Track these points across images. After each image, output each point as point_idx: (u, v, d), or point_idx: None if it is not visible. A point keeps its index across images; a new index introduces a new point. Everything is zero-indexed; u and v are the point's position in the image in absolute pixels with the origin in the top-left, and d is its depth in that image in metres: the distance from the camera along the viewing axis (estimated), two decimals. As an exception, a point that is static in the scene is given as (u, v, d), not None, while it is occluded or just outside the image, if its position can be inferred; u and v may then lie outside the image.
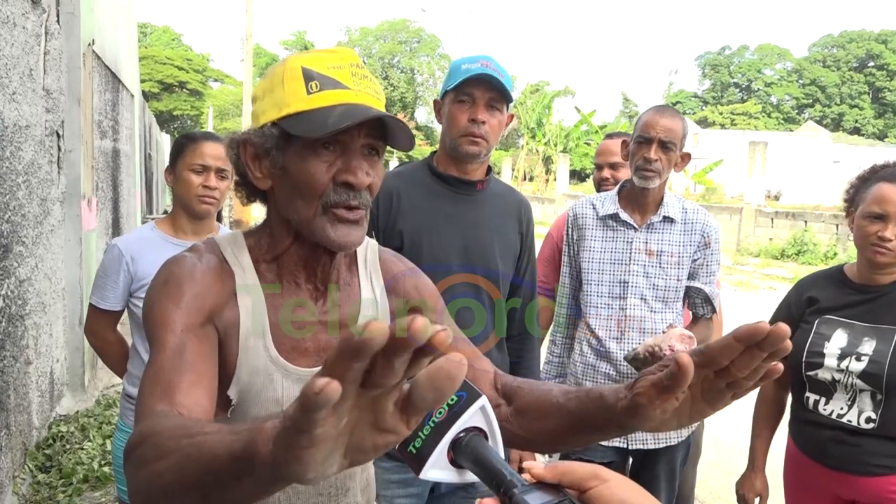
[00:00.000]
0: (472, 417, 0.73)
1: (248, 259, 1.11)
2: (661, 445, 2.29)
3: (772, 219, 17.88)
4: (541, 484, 0.67)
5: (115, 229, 6.99)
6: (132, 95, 9.14)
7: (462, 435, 0.72)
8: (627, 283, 2.25)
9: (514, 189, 2.18)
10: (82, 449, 3.85)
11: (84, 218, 4.79)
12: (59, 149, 4.37)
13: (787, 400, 2.16)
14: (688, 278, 2.29)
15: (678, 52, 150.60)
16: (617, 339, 2.25)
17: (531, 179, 36.97)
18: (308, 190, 1.04)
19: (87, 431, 4.08)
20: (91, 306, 2.25)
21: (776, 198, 34.94)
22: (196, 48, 65.69)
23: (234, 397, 1.07)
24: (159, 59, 50.15)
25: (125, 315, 2.27)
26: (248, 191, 1.14)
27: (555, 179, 30.77)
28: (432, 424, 0.72)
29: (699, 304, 2.33)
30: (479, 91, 1.89)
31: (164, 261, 1.09)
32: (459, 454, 0.72)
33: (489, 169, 2.04)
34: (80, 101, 4.62)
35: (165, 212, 5.46)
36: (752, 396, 2.24)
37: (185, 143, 2.25)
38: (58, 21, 4.29)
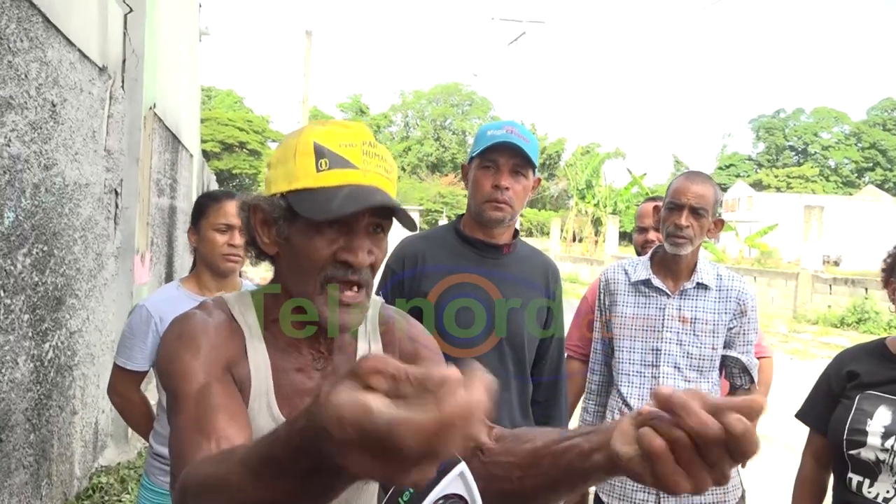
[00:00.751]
0: (451, 484, 0.70)
1: (255, 318, 1.11)
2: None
3: (830, 285, 17.28)
4: None
5: (169, 283, 7.19)
6: (191, 155, 9.55)
7: (440, 503, 0.70)
8: (660, 350, 2.20)
9: (540, 252, 2.18)
10: (120, 501, 3.89)
11: (136, 272, 4.96)
12: (117, 206, 4.57)
13: (829, 481, 2.05)
14: (724, 347, 2.23)
15: (730, 115, 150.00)
16: (650, 407, 2.19)
17: (580, 241, 36.78)
18: (308, 265, 1.05)
19: (127, 483, 4.13)
20: (116, 367, 2.26)
21: (836, 263, 33.88)
22: (257, 110, 68.56)
23: None
24: (221, 121, 52.40)
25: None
26: (257, 252, 1.15)
27: (604, 241, 30.55)
28: (410, 492, 0.70)
29: (737, 375, 2.26)
30: (504, 158, 1.92)
31: (174, 318, 1.10)
32: None
33: (516, 232, 2.06)
34: (138, 161, 4.85)
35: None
36: (791, 476, 2.14)
37: (207, 203, 2.27)
38: (122, 86, 4.55)
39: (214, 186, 20.94)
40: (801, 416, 2.09)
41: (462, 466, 0.72)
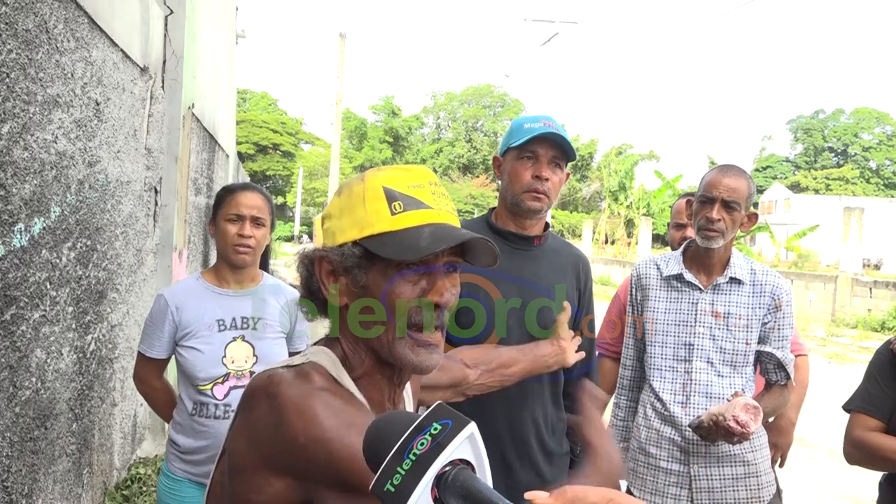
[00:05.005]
0: (458, 448, 0.63)
1: (349, 379, 1.06)
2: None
3: (870, 288, 16.88)
4: None
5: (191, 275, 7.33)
6: (227, 155, 9.71)
7: (448, 469, 0.63)
8: (693, 345, 2.19)
9: (571, 245, 2.19)
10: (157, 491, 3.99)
11: (174, 269, 5.07)
12: (156, 203, 4.68)
13: None
14: (759, 343, 2.21)
15: (768, 116, 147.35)
16: (682, 403, 2.18)
17: (612, 243, 36.47)
18: (392, 311, 1.02)
19: (164, 474, 4.23)
20: (139, 354, 2.34)
21: (876, 267, 33.05)
22: (290, 112, 69.38)
23: None
24: (256, 123, 53.15)
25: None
26: (313, 307, 1.11)
27: (636, 243, 30.25)
28: (413, 458, 0.62)
29: (772, 371, 2.24)
30: (543, 149, 1.94)
31: (278, 393, 0.96)
32: (445, 491, 0.63)
33: (547, 225, 2.07)
34: (177, 160, 4.96)
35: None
36: (831, 481, 2.11)
37: (223, 195, 2.31)
38: (162, 86, 4.66)
39: (249, 187, 21.19)
40: (850, 404, 2.06)
41: (472, 427, 0.64)
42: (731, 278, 2.20)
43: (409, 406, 1.22)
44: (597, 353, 2.36)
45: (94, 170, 3.13)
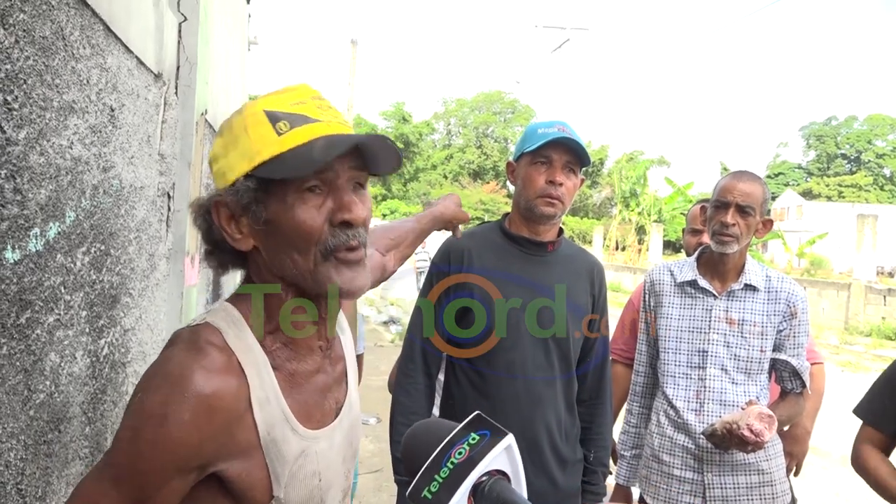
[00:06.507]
0: (495, 459, 0.64)
1: (251, 336, 0.99)
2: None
3: (884, 296, 16.76)
4: None
5: (216, 285, 7.36)
6: (239, 161, 9.75)
7: (484, 479, 0.64)
8: (707, 352, 2.18)
9: (586, 251, 2.19)
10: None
11: (187, 274, 5.08)
12: (169, 209, 4.70)
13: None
14: (774, 350, 2.20)
15: (781, 123, 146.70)
16: (696, 410, 2.17)
17: (623, 249, 36.35)
18: (302, 238, 0.95)
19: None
20: None
21: (890, 274, 32.74)
22: (302, 119, 69.38)
23: (281, 493, 0.98)
24: (267, 129, 53.25)
25: None
26: (222, 259, 1.05)
27: (647, 249, 30.14)
28: (450, 467, 0.63)
29: (787, 378, 2.22)
30: (557, 154, 1.94)
31: (164, 357, 0.96)
32: (481, 501, 0.64)
33: (560, 231, 2.07)
34: (190, 165, 4.99)
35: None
36: (841, 480, 2.09)
37: None
38: (176, 92, 4.69)
39: (260, 193, 21.29)
40: (859, 411, 2.04)
41: (509, 439, 0.66)
42: (745, 285, 2.18)
43: (345, 339, 1.16)
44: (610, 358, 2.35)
45: (109, 175, 3.15)
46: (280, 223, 0.96)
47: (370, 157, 0.99)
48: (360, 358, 3.66)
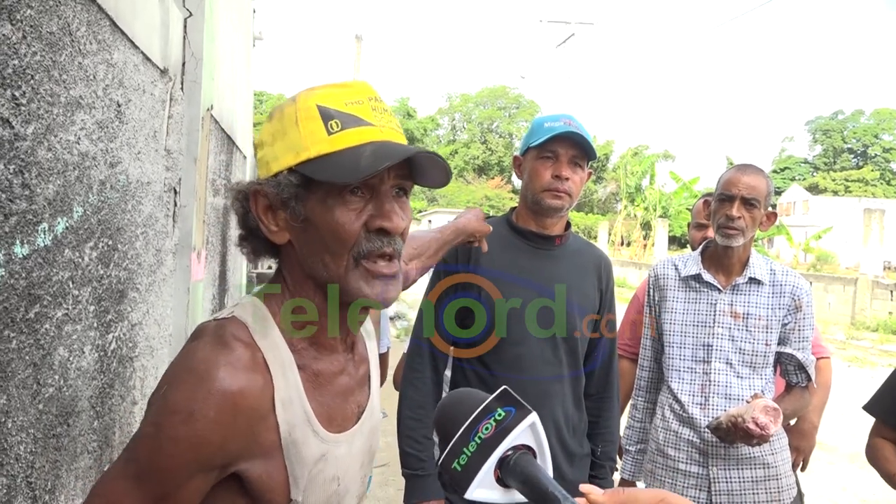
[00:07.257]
0: (521, 435, 0.69)
1: (278, 333, 0.96)
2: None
3: (891, 291, 16.69)
4: None
5: (222, 281, 7.39)
6: (244, 157, 9.78)
7: (510, 453, 0.68)
8: (711, 346, 2.18)
9: (593, 245, 2.19)
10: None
11: (193, 269, 5.11)
12: (175, 204, 4.72)
13: None
14: (779, 344, 2.19)
15: (787, 117, 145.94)
16: (701, 404, 2.17)
17: (628, 244, 36.30)
18: (337, 241, 0.93)
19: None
20: None
21: (897, 269, 32.57)
22: (306, 114, 69.34)
23: (300, 497, 0.96)
24: (272, 125, 53.29)
25: None
26: (256, 246, 1.02)
27: (652, 245, 30.10)
28: (478, 441, 0.68)
29: (792, 372, 2.22)
30: (563, 148, 1.94)
31: (188, 350, 0.92)
32: (507, 473, 0.68)
33: (568, 224, 2.07)
34: (196, 161, 5.00)
35: (269, 266, 5.75)
36: (848, 474, 2.09)
37: None
38: (181, 88, 4.70)
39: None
40: (870, 407, 2.04)
41: (533, 417, 0.70)
42: (750, 278, 2.18)
43: (370, 343, 1.15)
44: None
45: (116, 170, 3.17)
46: (317, 223, 0.94)
47: (418, 169, 0.98)
48: (383, 357, 3.55)
